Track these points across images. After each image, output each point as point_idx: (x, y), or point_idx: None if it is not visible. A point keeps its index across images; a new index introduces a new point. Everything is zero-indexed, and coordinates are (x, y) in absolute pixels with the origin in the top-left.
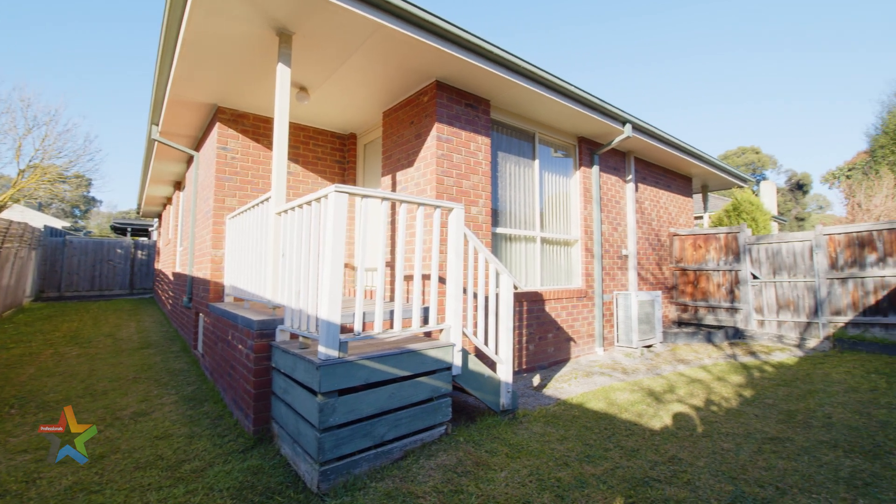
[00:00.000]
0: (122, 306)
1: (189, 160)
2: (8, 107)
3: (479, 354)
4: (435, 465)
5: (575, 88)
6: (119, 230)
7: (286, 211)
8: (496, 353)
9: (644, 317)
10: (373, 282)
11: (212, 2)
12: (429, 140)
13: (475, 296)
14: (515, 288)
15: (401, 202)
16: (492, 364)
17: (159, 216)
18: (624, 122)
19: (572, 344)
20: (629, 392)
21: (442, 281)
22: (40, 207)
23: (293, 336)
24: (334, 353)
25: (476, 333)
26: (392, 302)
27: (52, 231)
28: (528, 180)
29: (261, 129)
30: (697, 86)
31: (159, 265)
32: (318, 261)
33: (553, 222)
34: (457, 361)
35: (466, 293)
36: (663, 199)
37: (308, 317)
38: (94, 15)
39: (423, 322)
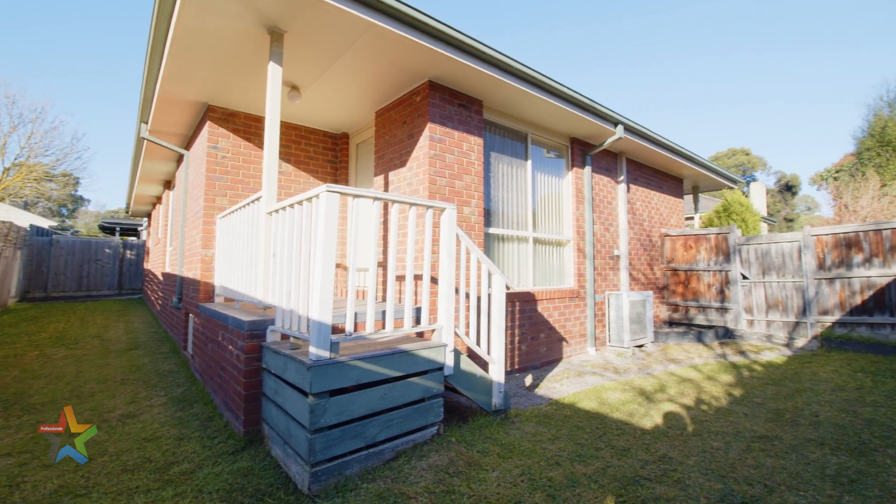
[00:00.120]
0: (111, 307)
1: (179, 159)
2: None
3: (472, 355)
4: (427, 466)
5: (566, 89)
6: (107, 230)
7: (277, 211)
8: (488, 354)
9: (635, 317)
10: (365, 282)
11: None
12: (421, 140)
13: (467, 296)
14: (508, 288)
15: (393, 202)
16: (484, 364)
17: (149, 215)
18: (616, 124)
19: (564, 344)
20: (620, 392)
21: (434, 281)
22: (26, 206)
23: (284, 337)
24: (325, 354)
25: (468, 334)
26: (384, 302)
27: (39, 230)
28: (521, 181)
29: (252, 128)
30: (689, 87)
31: (148, 265)
32: (310, 261)
33: (545, 223)
34: (449, 362)
35: (458, 293)
36: (655, 200)
37: (299, 317)
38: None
39: (415, 322)
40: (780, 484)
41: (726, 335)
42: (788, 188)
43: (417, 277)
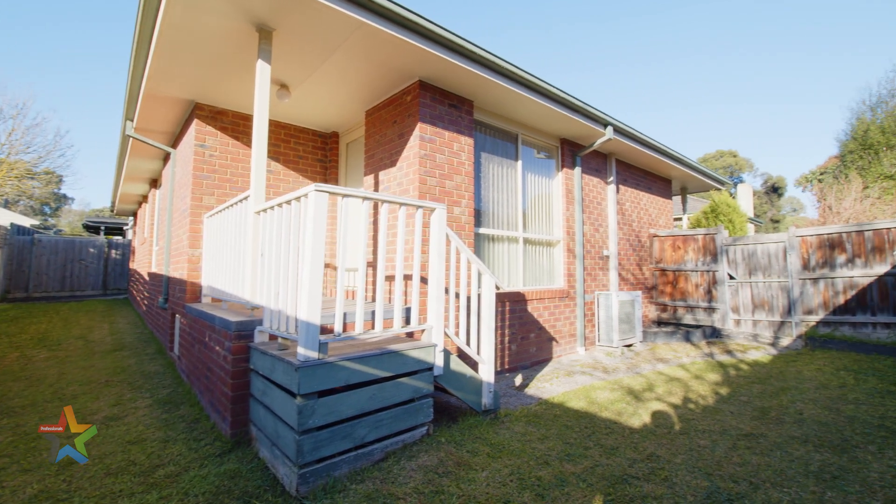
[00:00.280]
0: (95, 307)
1: (166, 157)
2: None
3: (462, 355)
4: (416, 466)
5: (556, 90)
6: (92, 229)
7: (265, 210)
8: (478, 354)
9: (624, 316)
10: (354, 282)
11: None
12: (412, 140)
13: (457, 296)
14: (498, 288)
15: (382, 202)
16: (474, 364)
17: (135, 214)
18: (605, 125)
19: (554, 344)
20: (609, 391)
21: (424, 281)
22: (7, 204)
23: (272, 337)
24: (314, 355)
25: (458, 334)
26: (373, 302)
27: (20, 229)
28: (511, 181)
29: (240, 127)
30: (679, 88)
31: (134, 265)
32: (298, 261)
33: (536, 223)
34: (439, 362)
35: (449, 293)
36: (644, 201)
37: (287, 317)
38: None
39: (405, 322)
40: (765, 481)
41: (714, 334)
42: (775, 190)
43: (407, 277)
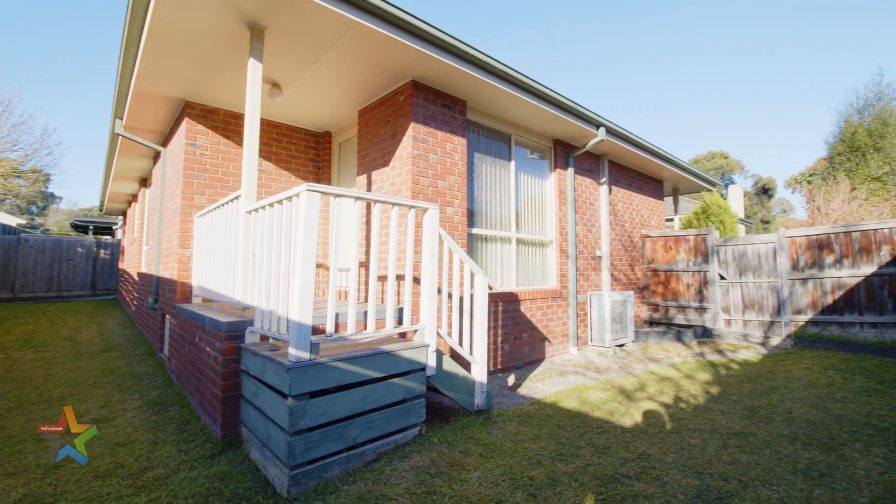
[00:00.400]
0: (83, 308)
1: (156, 156)
2: None
3: (454, 355)
4: (408, 467)
5: (549, 91)
6: (80, 228)
7: (257, 210)
8: (471, 354)
9: (617, 316)
10: (346, 282)
11: None
12: (404, 140)
13: (450, 296)
14: (490, 288)
15: (375, 202)
16: (466, 364)
17: (124, 214)
18: (598, 126)
19: (547, 343)
20: (601, 390)
21: (417, 281)
22: None
23: (263, 338)
24: (305, 355)
25: (451, 334)
26: (366, 303)
27: (6, 228)
28: (504, 181)
29: (232, 126)
30: (672, 89)
31: (124, 265)
32: (290, 261)
33: (529, 223)
34: (431, 362)
35: (441, 294)
36: (636, 202)
37: (279, 318)
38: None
39: (398, 323)
40: (755, 479)
41: (705, 334)
42: (765, 191)
43: (400, 278)
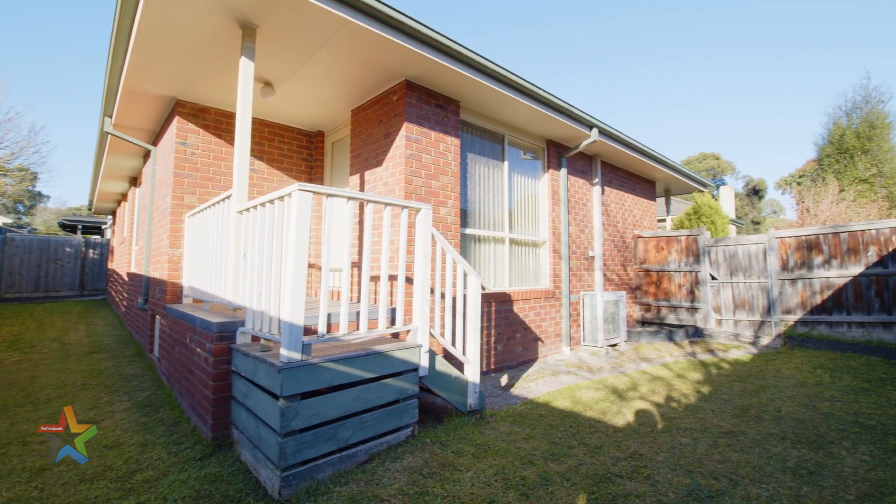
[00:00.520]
0: (71, 308)
1: (146, 155)
2: None
3: (447, 355)
4: (401, 468)
5: (542, 91)
6: (68, 227)
7: (248, 209)
8: (464, 354)
9: (609, 316)
10: (338, 282)
11: None
12: (398, 140)
13: (443, 296)
14: (483, 289)
15: (367, 202)
16: (459, 365)
17: (113, 213)
18: (590, 127)
19: (540, 344)
20: (594, 390)
21: (409, 282)
22: None
23: (255, 338)
24: (297, 356)
25: (444, 334)
26: (358, 303)
27: None
28: (498, 182)
29: (223, 125)
30: (664, 90)
31: (113, 265)
32: (281, 261)
33: (522, 224)
34: (424, 362)
35: (434, 294)
36: (628, 202)
37: (270, 318)
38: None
39: (390, 323)
40: (745, 477)
41: (696, 334)
42: (756, 192)
43: (392, 278)
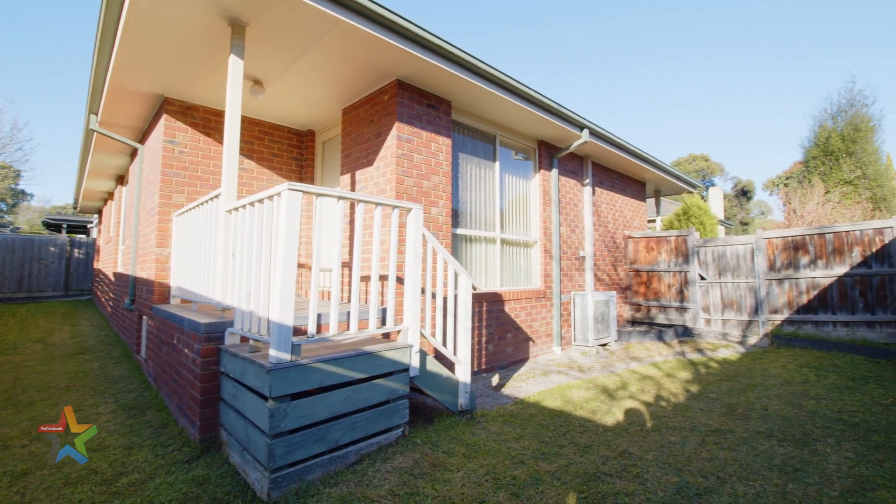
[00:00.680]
0: (56, 309)
1: (133, 153)
2: None
3: (438, 355)
4: (391, 468)
5: (533, 92)
6: (53, 226)
7: (237, 209)
8: (454, 354)
9: (600, 316)
10: (329, 282)
11: None
12: (389, 139)
13: (434, 297)
14: (474, 289)
15: (358, 202)
16: (450, 365)
17: (99, 212)
18: (581, 128)
19: (531, 343)
20: (584, 390)
21: (400, 282)
22: None
23: (244, 339)
24: (286, 357)
25: (434, 334)
26: (348, 303)
27: None
28: (489, 182)
29: (212, 123)
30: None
31: (99, 264)
32: (271, 261)
33: (513, 224)
34: (414, 363)
35: (425, 294)
36: (619, 203)
37: (259, 319)
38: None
39: (381, 323)
40: (732, 475)
41: (685, 333)
42: (744, 193)
43: (383, 278)
